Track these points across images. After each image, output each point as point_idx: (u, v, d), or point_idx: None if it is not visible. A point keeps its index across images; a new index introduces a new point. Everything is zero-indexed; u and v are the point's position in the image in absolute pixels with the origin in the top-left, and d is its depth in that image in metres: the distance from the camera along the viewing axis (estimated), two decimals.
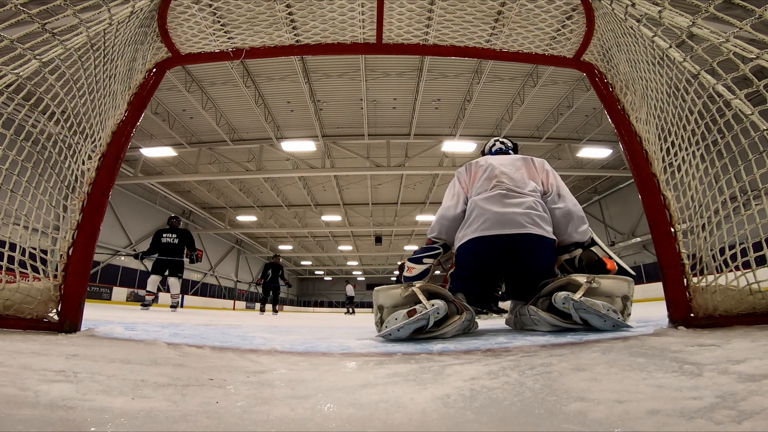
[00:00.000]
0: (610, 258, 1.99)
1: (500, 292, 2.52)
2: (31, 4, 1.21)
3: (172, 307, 7.83)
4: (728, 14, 1.12)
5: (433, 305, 1.49)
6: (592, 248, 2.01)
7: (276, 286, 11.06)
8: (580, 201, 22.38)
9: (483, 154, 2.55)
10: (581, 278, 1.63)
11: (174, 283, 7.77)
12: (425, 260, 2.11)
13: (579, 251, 1.99)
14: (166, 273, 7.66)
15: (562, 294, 1.53)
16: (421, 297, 1.54)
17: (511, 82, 10.82)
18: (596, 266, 1.94)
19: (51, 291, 1.37)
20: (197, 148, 13.78)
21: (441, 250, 2.12)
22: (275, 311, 10.97)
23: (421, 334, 1.52)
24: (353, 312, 18.33)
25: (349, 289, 20.66)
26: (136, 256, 7.19)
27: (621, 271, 1.98)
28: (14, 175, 1.22)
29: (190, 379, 0.72)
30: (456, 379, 0.72)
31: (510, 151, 2.47)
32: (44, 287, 1.35)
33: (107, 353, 0.96)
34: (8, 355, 0.84)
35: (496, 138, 2.55)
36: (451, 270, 2.04)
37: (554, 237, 1.92)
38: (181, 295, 7.54)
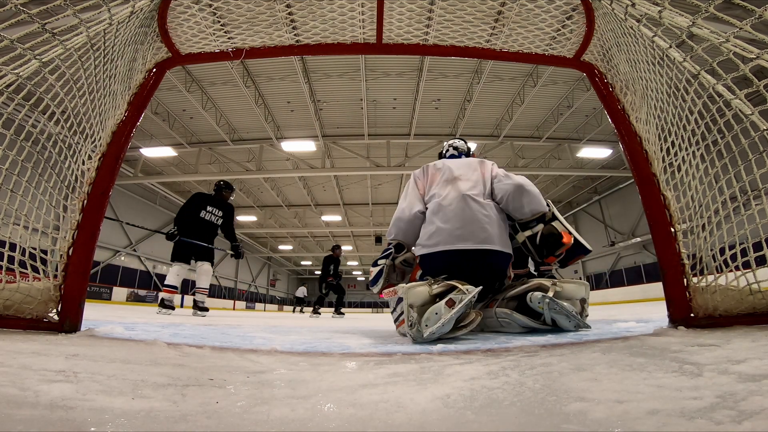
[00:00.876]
0: (569, 233, 1.95)
1: None
2: (31, 4, 1.20)
3: (199, 309, 5.04)
4: (728, 14, 1.12)
5: (468, 290, 1.49)
6: (552, 223, 1.97)
7: (338, 284, 9.41)
8: (580, 201, 22.39)
9: (440, 157, 2.57)
10: (547, 282, 1.74)
11: (205, 271, 5.21)
12: (379, 261, 2.18)
13: (540, 226, 1.97)
14: (193, 260, 5.22)
15: (538, 294, 1.63)
16: (457, 283, 1.55)
17: (511, 82, 10.82)
18: (554, 240, 1.92)
19: (51, 291, 1.37)
20: (197, 148, 13.78)
21: (393, 250, 2.16)
22: (341, 313, 8.71)
23: (451, 332, 1.53)
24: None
25: (301, 291, 20.83)
26: (169, 236, 4.99)
27: (577, 245, 1.96)
28: (14, 175, 1.22)
29: (190, 379, 0.72)
30: (456, 379, 0.72)
31: (463, 156, 2.47)
32: (44, 287, 1.35)
33: (107, 353, 0.96)
34: (8, 355, 0.84)
35: (450, 143, 2.56)
36: (419, 272, 2.06)
37: (511, 252, 2.01)
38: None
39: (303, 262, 36.82)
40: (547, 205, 2.03)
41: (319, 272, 10.04)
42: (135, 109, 1.69)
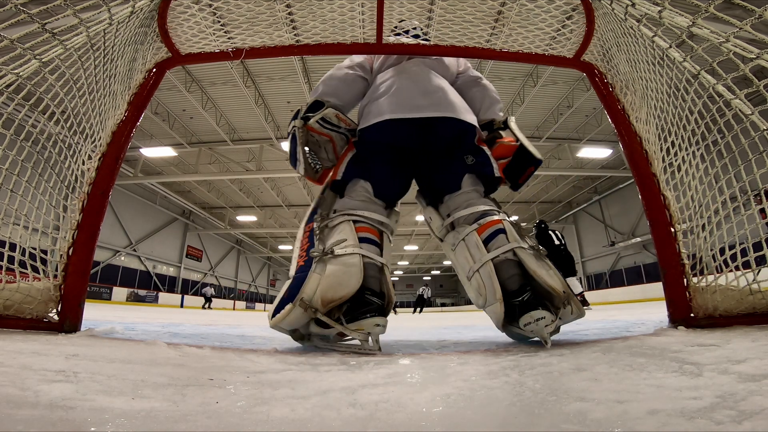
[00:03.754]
0: (516, 139, 1.60)
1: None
2: (31, 4, 1.20)
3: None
4: (728, 14, 1.12)
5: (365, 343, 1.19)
6: (502, 130, 1.70)
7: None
8: (580, 201, 22.40)
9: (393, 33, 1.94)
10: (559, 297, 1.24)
11: None
12: (289, 127, 1.56)
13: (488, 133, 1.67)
14: None
15: (532, 326, 1.18)
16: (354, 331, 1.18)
17: (511, 82, 10.82)
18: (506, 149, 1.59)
19: (51, 291, 1.37)
20: (197, 148, 13.78)
21: (305, 109, 1.54)
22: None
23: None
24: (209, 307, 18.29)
25: (208, 291, 20.86)
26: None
27: (524, 151, 1.55)
28: (14, 175, 1.22)
29: (190, 379, 0.72)
30: (456, 379, 0.72)
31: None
32: (44, 287, 1.35)
33: (107, 353, 0.96)
34: (8, 355, 0.84)
35: (418, 27, 1.92)
36: (351, 153, 1.57)
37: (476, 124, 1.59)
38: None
39: None
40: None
41: None
42: (135, 109, 1.69)
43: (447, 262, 37.18)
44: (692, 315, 1.37)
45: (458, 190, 1.52)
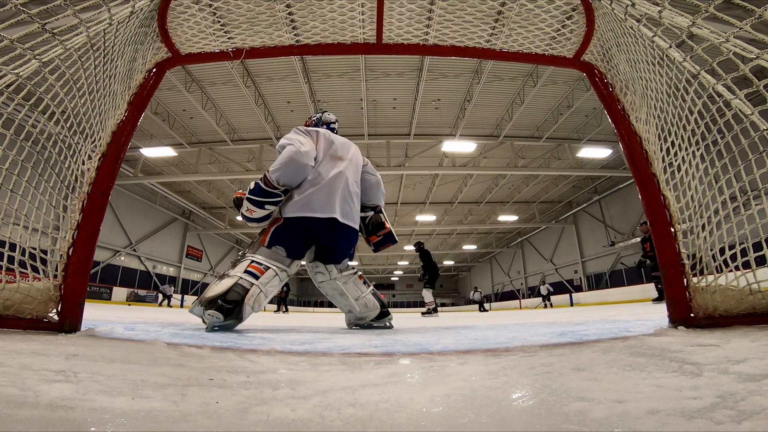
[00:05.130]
0: (388, 225, 2.62)
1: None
2: (31, 4, 1.21)
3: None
4: (728, 14, 1.12)
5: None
6: (380, 214, 2.64)
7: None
8: (581, 201, 22.34)
9: (319, 123, 2.70)
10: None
11: None
12: (267, 206, 2.20)
13: (372, 213, 2.60)
14: None
15: (385, 320, 2.61)
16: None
17: (511, 82, 10.82)
18: (379, 225, 2.58)
19: (51, 291, 1.37)
20: (197, 148, 13.78)
21: (282, 198, 2.21)
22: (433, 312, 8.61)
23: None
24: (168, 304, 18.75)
25: (168, 289, 20.81)
26: None
27: (391, 234, 2.61)
28: (14, 175, 1.22)
29: (190, 379, 0.72)
30: (456, 379, 0.72)
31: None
32: (44, 287, 1.35)
33: (107, 353, 0.96)
34: (8, 355, 0.84)
35: (329, 115, 2.74)
36: (273, 230, 2.21)
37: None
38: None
39: (303, 262, 36.75)
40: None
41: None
42: (135, 109, 1.69)
43: (447, 263, 37.18)
44: (692, 315, 1.37)
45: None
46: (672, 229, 1.49)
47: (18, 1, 1.09)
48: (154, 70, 1.80)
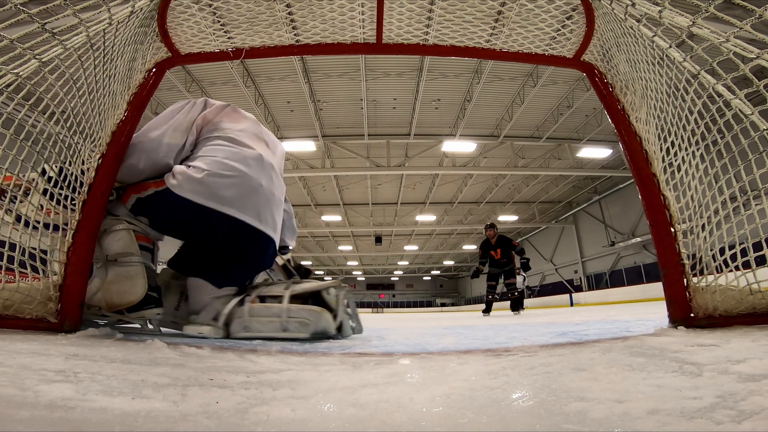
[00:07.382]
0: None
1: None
2: (31, 4, 1.20)
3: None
4: (728, 14, 1.12)
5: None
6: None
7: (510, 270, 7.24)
8: (581, 201, 22.39)
9: None
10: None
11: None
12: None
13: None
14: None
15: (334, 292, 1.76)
16: None
17: (511, 82, 10.82)
18: (305, 272, 2.31)
19: (51, 291, 1.37)
20: None
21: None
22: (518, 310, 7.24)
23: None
24: None
25: None
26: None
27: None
28: (14, 174, 1.22)
29: (190, 379, 0.72)
30: (456, 379, 0.72)
31: None
32: (44, 287, 1.35)
33: (107, 353, 0.96)
34: (8, 355, 0.84)
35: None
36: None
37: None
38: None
39: (303, 262, 36.78)
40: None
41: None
42: (135, 109, 1.69)
43: (447, 263, 37.20)
44: (692, 315, 1.37)
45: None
46: (672, 229, 1.49)
47: (18, 0, 1.09)
48: (154, 69, 1.80)
